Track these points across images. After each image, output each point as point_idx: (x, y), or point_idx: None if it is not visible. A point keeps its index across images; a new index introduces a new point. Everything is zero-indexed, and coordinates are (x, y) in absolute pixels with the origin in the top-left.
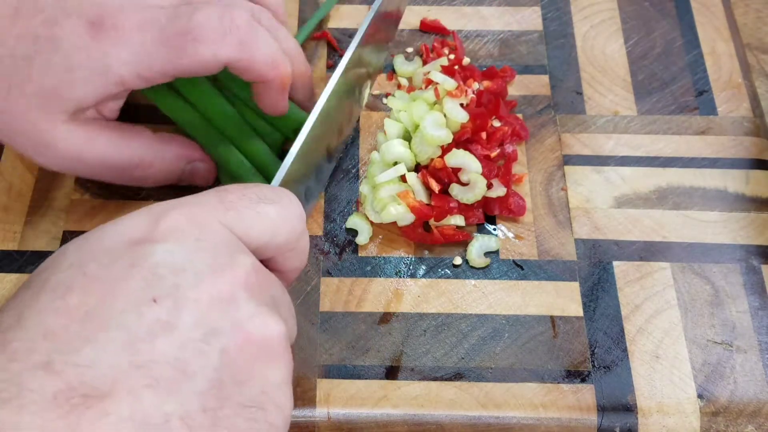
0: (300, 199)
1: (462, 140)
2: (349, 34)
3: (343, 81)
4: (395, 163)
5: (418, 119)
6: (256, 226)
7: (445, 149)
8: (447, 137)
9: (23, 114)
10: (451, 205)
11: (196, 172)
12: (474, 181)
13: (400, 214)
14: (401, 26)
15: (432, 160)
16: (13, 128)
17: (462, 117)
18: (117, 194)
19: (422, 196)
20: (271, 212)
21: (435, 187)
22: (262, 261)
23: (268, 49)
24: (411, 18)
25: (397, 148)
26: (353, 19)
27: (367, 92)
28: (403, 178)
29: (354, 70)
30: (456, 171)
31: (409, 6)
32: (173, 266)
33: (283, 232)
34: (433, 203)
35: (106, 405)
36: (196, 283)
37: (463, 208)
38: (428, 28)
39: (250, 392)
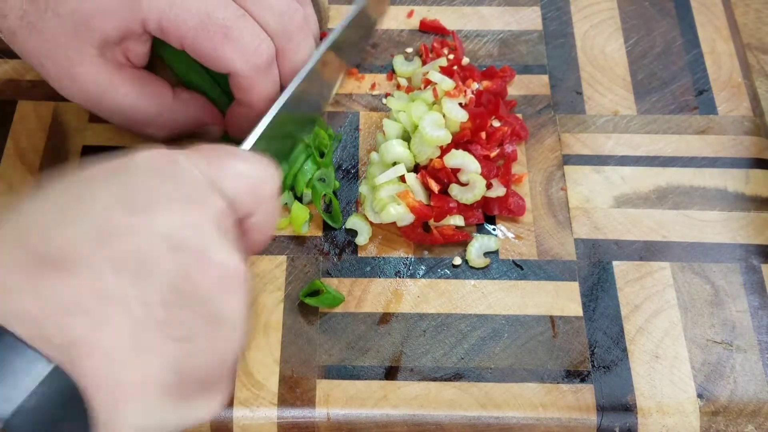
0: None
1: (462, 141)
2: None
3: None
4: (394, 164)
5: (417, 120)
6: (228, 179)
7: (444, 149)
8: (446, 138)
9: (55, 37)
10: (451, 205)
11: (207, 134)
12: (473, 182)
13: (399, 214)
14: (401, 26)
15: (431, 160)
16: (44, 51)
17: (461, 116)
18: None
19: (422, 197)
20: (243, 169)
21: (434, 187)
22: None
23: (271, 91)
24: (411, 18)
25: (396, 148)
26: None
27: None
28: (402, 179)
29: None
30: (455, 171)
31: (409, 6)
32: (150, 187)
33: (251, 190)
34: (432, 203)
35: (69, 274)
36: (169, 205)
37: (463, 209)
38: (428, 28)
39: (210, 308)
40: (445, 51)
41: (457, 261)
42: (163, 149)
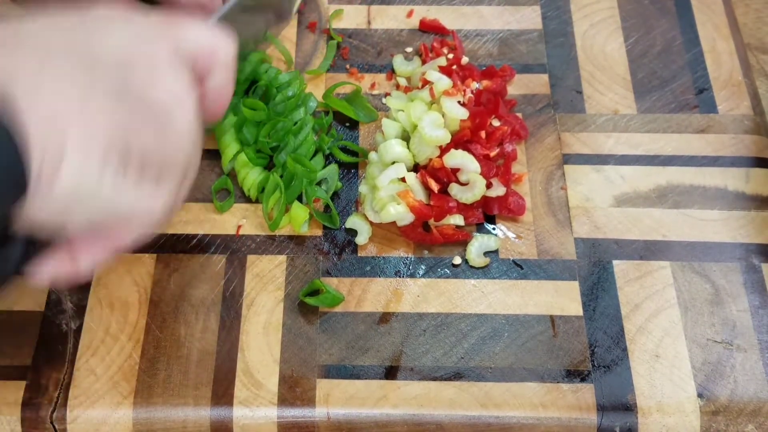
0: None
1: (462, 141)
2: (349, 34)
3: None
4: (393, 163)
5: (416, 120)
6: (186, 37)
7: (444, 149)
8: (445, 137)
9: None
10: (450, 204)
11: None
12: (473, 181)
13: (399, 213)
14: (401, 26)
15: (431, 160)
16: None
17: (461, 114)
18: None
19: (421, 196)
20: (200, 31)
21: (434, 187)
22: None
23: None
24: (410, 18)
25: (395, 148)
26: (353, 19)
27: None
28: (402, 179)
29: None
30: (455, 171)
31: (409, 6)
32: (105, 23)
33: (207, 50)
34: (432, 203)
35: (17, 50)
36: (122, 34)
37: (463, 208)
38: (428, 27)
39: (155, 111)
40: (445, 50)
41: (457, 260)
42: (123, 6)
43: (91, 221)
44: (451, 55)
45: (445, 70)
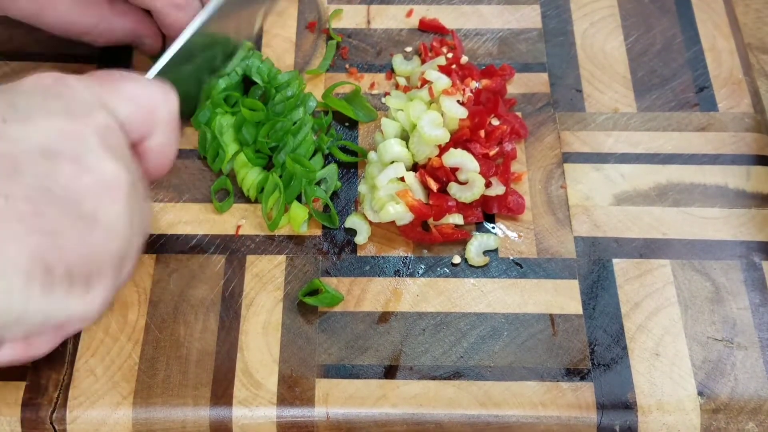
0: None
1: (461, 140)
2: (349, 33)
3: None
4: (393, 163)
5: (415, 119)
6: (120, 100)
7: (443, 148)
8: (444, 137)
9: None
10: (450, 204)
11: (143, 46)
12: (472, 180)
13: (398, 213)
14: (400, 25)
15: (429, 159)
16: None
17: (460, 113)
18: None
19: (420, 196)
20: (136, 91)
21: (433, 186)
22: None
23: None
24: (410, 17)
25: (394, 147)
26: (352, 18)
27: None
28: (401, 178)
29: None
30: (454, 170)
31: (408, 5)
32: (32, 101)
33: (145, 112)
34: (431, 202)
35: None
36: (48, 116)
37: (462, 207)
38: (427, 27)
39: (81, 209)
40: (444, 50)
41: (457, 260)
42: (55, 72)
43: (27, 332)
44: (450, 55)
45: (445, 70)
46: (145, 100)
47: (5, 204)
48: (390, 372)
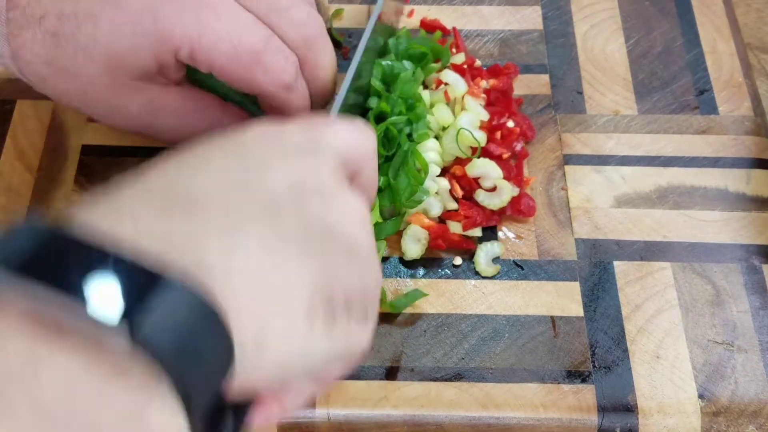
0: None
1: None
2: (350, 34)
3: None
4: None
5: (442, 122)
6: (334, 140)
7: (464, 159)
8: (482, 139)
9: (92, 79)
10: (475, 213)
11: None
12: (500, 187)
13: (422, 245)
14: (401, 25)
15: (453, 165)
16: (85, 93)
17: (484, 115)
18: None
19: (449, 203)
20: (344, 130)
21: (459, 192)
22: None
23: (302, 104)
24: (411, 18)
25: (428, 152)
26: (352, 19)
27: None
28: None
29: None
30: (476, 178)
31: (409, 5)
32: (264, 149)
33: (356, 148)
34: (461, 212)
35: (199, 212)
36: (284, 160)
37: (488, 215)
38: (428, 27)
39: (342, 240)
40: (453, 51)
41: (458, 261)
42: (272, 121)
43: (308, 372)
44: (454, 50)
45: (458, 69)
46: (354, 139)
47: (279, 242)
48: (391, 373)
